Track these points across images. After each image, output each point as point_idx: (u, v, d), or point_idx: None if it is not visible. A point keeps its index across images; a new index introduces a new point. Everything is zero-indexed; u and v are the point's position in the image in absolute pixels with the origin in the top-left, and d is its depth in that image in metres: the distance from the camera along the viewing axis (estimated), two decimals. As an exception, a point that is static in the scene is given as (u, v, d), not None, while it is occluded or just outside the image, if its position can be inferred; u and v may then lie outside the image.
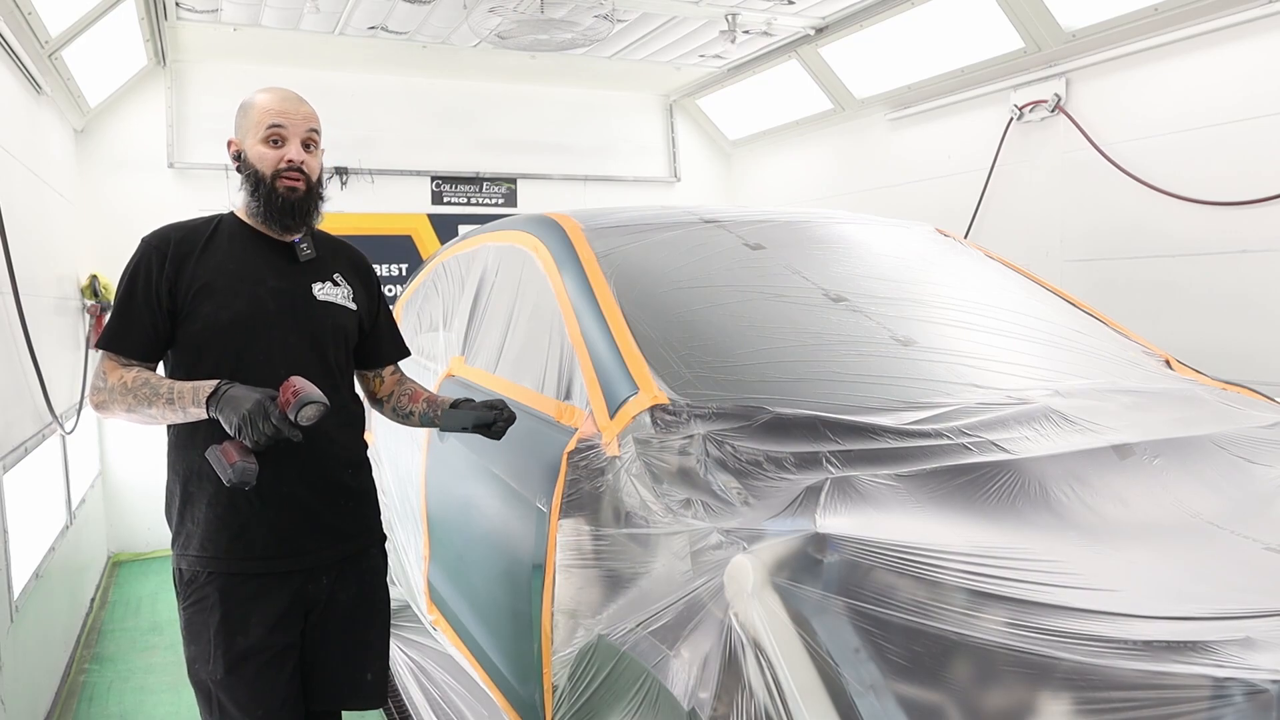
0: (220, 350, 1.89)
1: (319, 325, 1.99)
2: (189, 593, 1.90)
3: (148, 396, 1.80)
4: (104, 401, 1.85)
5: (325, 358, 2.00)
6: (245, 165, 1.96)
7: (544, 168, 6.28)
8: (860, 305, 2.22)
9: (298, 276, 1.99)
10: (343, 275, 2.08)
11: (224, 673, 1.87)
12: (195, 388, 1.76)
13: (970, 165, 4.57)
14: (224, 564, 1.88)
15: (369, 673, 2.09)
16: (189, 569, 1.90)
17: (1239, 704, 1.02)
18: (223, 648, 1.86)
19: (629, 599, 1.55)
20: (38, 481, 3.40)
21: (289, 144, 1.94)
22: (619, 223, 2.53)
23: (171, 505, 1.96)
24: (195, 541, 1.89)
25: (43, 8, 3.35)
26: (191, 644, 1.90)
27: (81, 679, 3.66)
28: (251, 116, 1.96)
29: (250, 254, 1.96)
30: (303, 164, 1.94)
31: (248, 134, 1.96)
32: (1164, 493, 1.57)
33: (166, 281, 1.88)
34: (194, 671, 1.91)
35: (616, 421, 1.79)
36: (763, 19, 4.77)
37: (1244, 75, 3.37)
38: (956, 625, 1.17)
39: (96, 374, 1.88)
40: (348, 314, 2.05)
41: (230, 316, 1.89)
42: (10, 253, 3.00)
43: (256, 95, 1.99)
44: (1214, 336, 3.46)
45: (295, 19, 4.65)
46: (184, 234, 1.95)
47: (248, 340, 1.90)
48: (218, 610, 1.87)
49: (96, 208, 5.00)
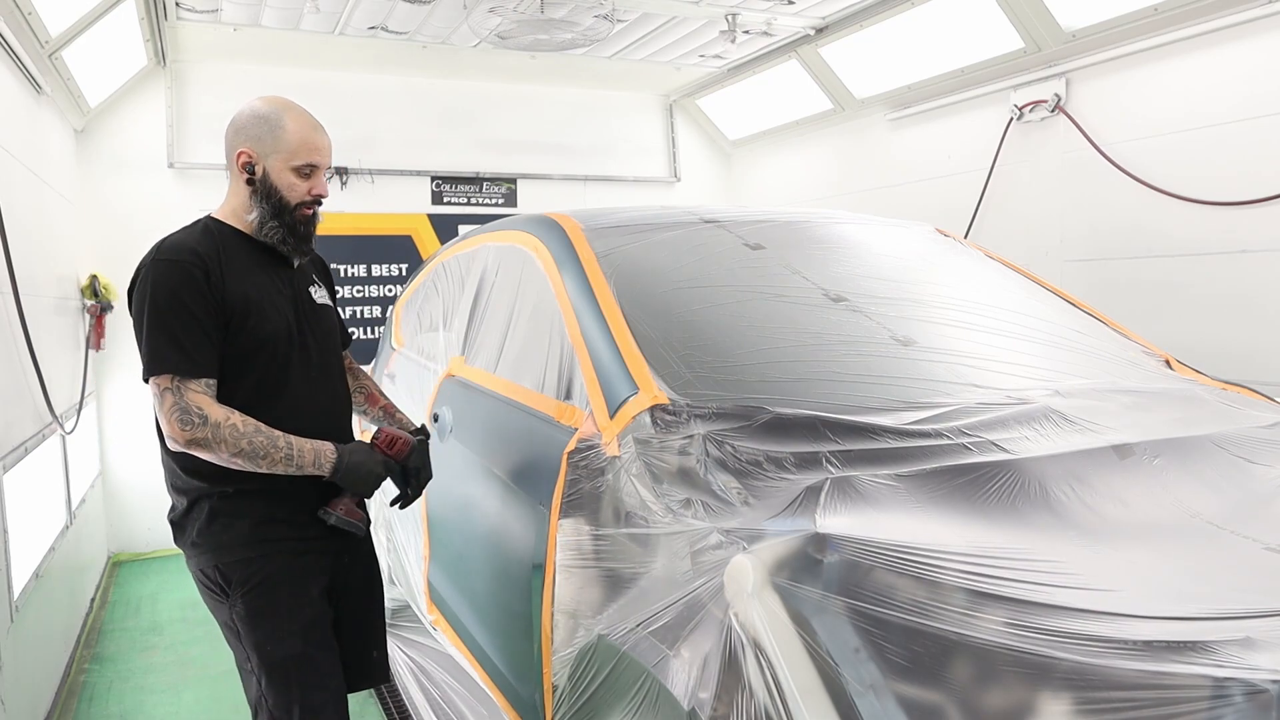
0: (265, 363, 1.92)
1: (326, 328, 2.10)
2: (244, 579, 1.91)
3: (264, 447, 1.79)
4: (204, 440, 1.76)
5: (335, 357, 2.13)
6: (265, 185, 1.93)
7: (544, 168, 6.28)
8: (860, 305, 2.22)
9: (297, 284, 2.06)
10: (316, 276, 2.18)
11: (302, 642, 1.92)
12: (316, 451, 1.85)
13: (970, 165, 4.57)
14: (276, 545, 1.93)
15: (375, 650, 2.18)
16: (241, 559, 1.91)
17: (1239, 704, 1.02)
18: (298, 618, 1.92)
19: (629, 599, 1.55)
20: (38, 481, 3.39)
21: (316, 176, 1.98)
22: (619, 223, 2.54)
23: (194, 513, 1.92)
24: (241, 537, 1.91)
25: (43, 8, 3.35)
26: (257, 629, 1.90)
27: (81, 679, 3.66)
28: (284, 142, 1.93)
29: (263, 266, 1.99)
30: (326, 196, 2.01)
31: (274, 155, 1.92)
32: (1164, 493, 1.57)
33: (216, 293, 1.85)
34: (265, 655, 1.90)
35: (616, 421, 1.79)
36: (763, 19, 4.77)
37: (1244, 75, 3.37)
38: (956, 625, 1.17)
39: (186, 408, 1.77)
40: (334, 314, 2.19)
41: (271, 329, 1.93)
42: (10, 253, 3.00)
43: (286, 116, 1.95)
44: (1214, 336, 3.46)
45: (295, 19, 4.65)
46: (207, 249, 1.89)
47: (287, 350, 1.96)
48: (285, 586, 1.93)
49: (96, 208, 5.00)
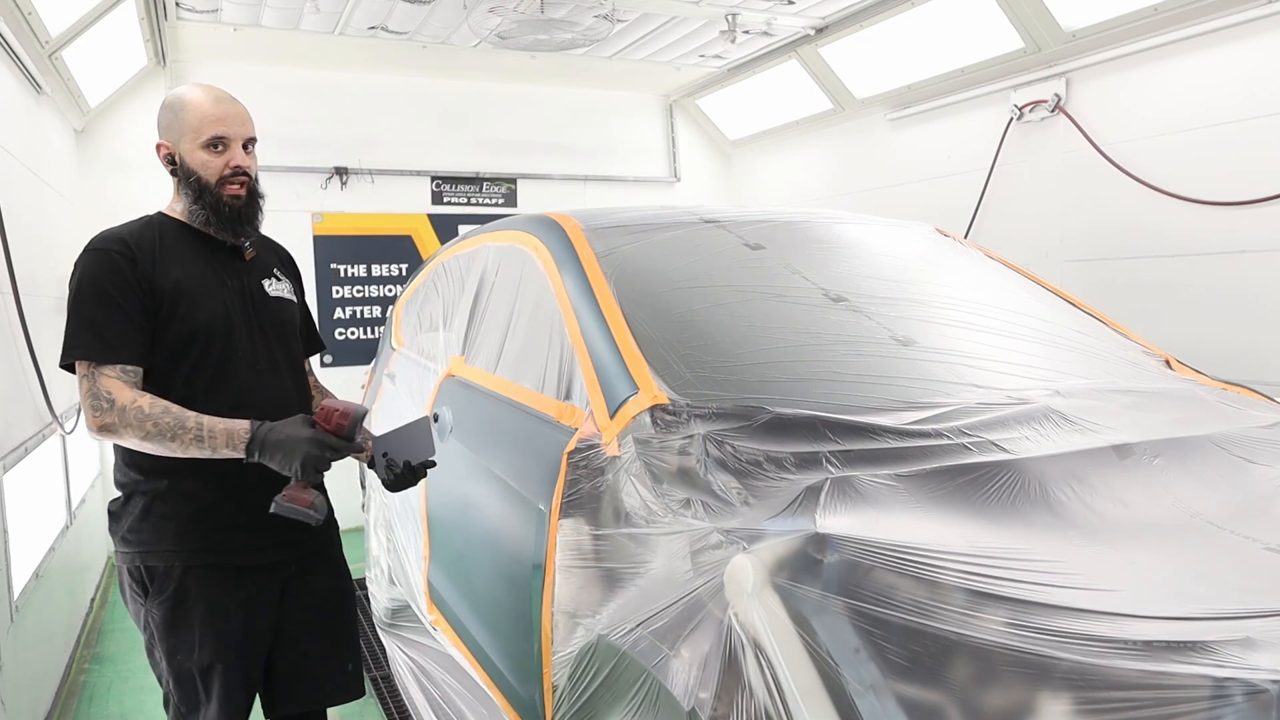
0: (201, 352, 1.87)
1: (278, 321, 2.03)
2: (164, 587, 1.88)
3: (171, 428, 1.72)
4: (112, 424, 1.74)
5: (290, 353, 2.06)
6: (184, 170, 1.90)
7: (544, 168, 6.28)
8: (860, 305, 2.22)
9: (248, 275, 2.01)
10: (279, 270, 2.12)
11: (210, 659, 1.87)
12: (229, 429, 1.73)
13: (970, 165, 4.57)
14: (200, 556, 1.87)
15: (349, 663, 2.12)
16: (162, 564, 1.88)
17: (1239, 704, 1.02)
18: (211, 635, 1.87)
19: (629, 599, 1.54)
20: (38, 481, 3.39)
21: (232, 148, 1.89)
22: (619, 223, 2.53)
23: (128, 504, 1.91)
24: (167, 538, 1.87)
25: (43, 8, 3.35)
26: (171, 636, 1.88)
27: (81, 679, 3.66)
28: (187, 120, 1.88)
29: (203, 255, 1.94)
30: (247, 168, 1.91)
31: (183, 137, 1.88)
32: (1164, 493, 1.57)
33: (145, 280, 1.82)
34: (175, 663, 1.89)
35: (616, 421, 1.79)
36: (763, 19, 4.77)
37: (1244, 75, 3.37)
38: (956, 625, 1.17)
39: (97, 394, 1.75)
40: (294, 308, 2.12)
41: (207, 317, 1.88)
42: (10, 253, 3.00)
43: (188, 96, 1.91)
44: (1214, 336, 3.46)
45: (295, 19, 4.65)
46: (136, 236, 1.88)
47: (226, 341, 1.90)
48: (201, 601, 1.87)
49: (97, 208, 4.99)
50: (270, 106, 5.54)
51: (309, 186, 5.62)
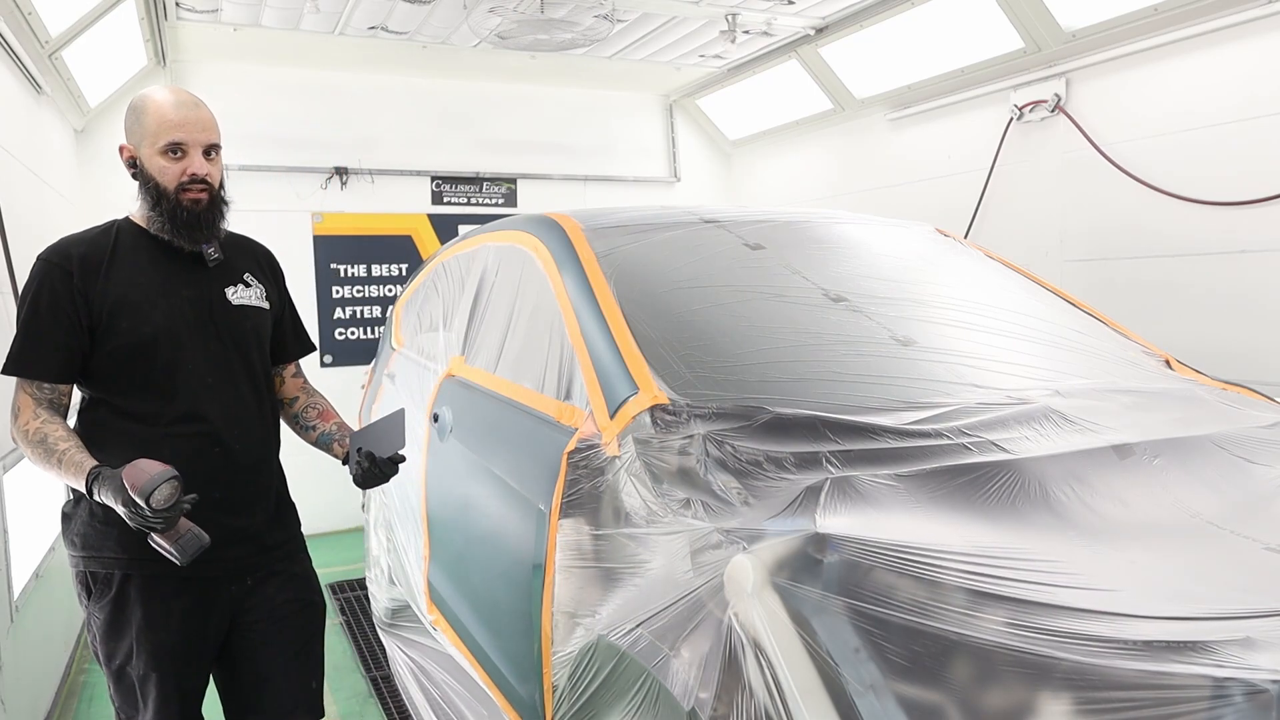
0: (147, 366, 1.85)
1: (238, 331, 1.98)
2: (104, 592, 1.88)
3: (43, 456, 1.75)
4: (14, 438, 1.80)
5: (250, 363, 2.00)
6: (143, 175, 1.87)
7: (544, 168, 6.28)
8: (860, 305, 2.22)
9: (209, 283, 1.96)
10: (253, 275, 2.06)
11: (146, 669, 1.86)
12: (79, 465, 1.71)
13: (970, 165, 4.57)
14: (142, 566, 1.85)
15: (314, 680, 2.08)
16: (104, 570, 1.87)
17: (1239, 704, 1.02)
18: (148, 644, 1.86)
19: (629, 599, 1.55)
20: (38, 481, 3.39)
21: (190, 155, 1.86)
22: (619, 223, 2.54)
23: (77, 507, 1.91)
24: (110, 543, 1.86)
25: (43, 8, 3.35)
26: (109, 641, 1.89)
27: (81, 679, 3.66)
28: (146, 125, 1.85)
29: (159, 264, 1.91)
30: (206, 175, 1.87)
31: (143, 142, 1.86)
32: (1164, 493, 1.57)
33: (80, 296, 1.81)
34: (114, 667, 1.90)
35: (616, 421, 1.79)
36: (763, 19, 4.77)
37: (1244, 75, 3.37)
38: (956, 625, 1.17)
39: (12, 406, 1.81)
40: (263, 315, 2.05)
41: (152, 331, 1.85)
42: (10, 253, 3.00)
43: (150, 99, 1.88)
44: (1214, 336, 3.46)
45: (295, 19, 4.65)
46: (86, 248, 1.87)
47: (174, 353, 1.87)
48: (139, 608, 1.86)
49: (96, 208, 4.98)
50: (270, 106, 5.55)
51: (309, 186, 5.62)
